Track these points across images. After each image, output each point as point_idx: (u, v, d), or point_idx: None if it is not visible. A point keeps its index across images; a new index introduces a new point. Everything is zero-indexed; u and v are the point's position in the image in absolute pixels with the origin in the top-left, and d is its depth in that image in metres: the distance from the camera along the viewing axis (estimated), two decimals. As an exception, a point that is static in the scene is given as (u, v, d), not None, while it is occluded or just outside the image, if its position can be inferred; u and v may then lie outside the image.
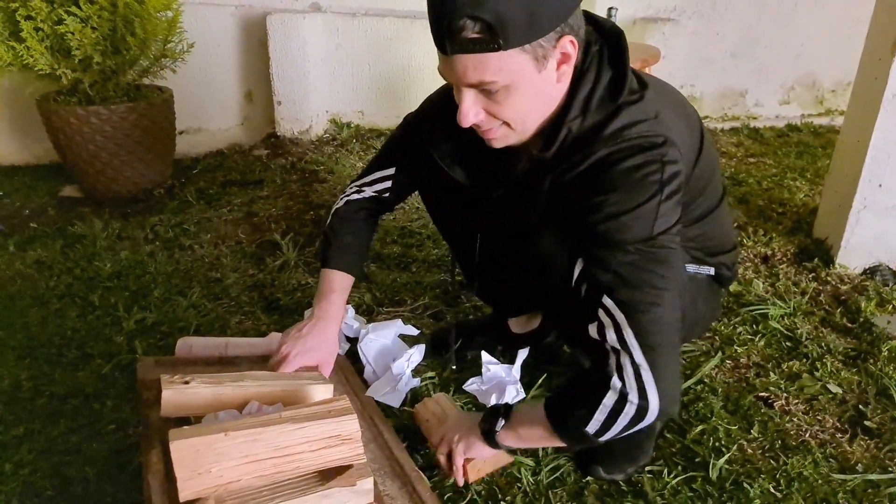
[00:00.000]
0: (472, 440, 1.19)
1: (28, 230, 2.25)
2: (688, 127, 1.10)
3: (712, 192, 1.19)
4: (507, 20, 0.87)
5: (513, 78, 0.93)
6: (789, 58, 3.52)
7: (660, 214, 0.96)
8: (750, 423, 1.38)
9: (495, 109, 0.99)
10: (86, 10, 2.13)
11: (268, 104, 3.00)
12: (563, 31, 0.93)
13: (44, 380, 1.51)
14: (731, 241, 1.29)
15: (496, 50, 0.90)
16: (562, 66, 0.96)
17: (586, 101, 0.99)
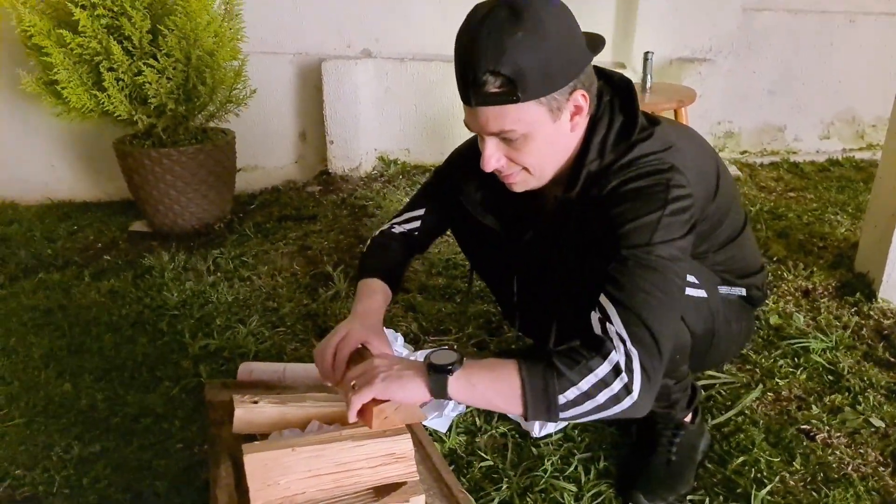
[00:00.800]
0: (405, 379, 1.02)
1: (101, 262, 2.42)
2: (702, 156, 1.18)
3: (734, 218, 1.26)
4: (524, 75, 0.98)
5: (530, 127, 1.04)
6: (828, 93, 3.52)
7: (660, 227, 1.02)
8: (792, 456, 1.39)
9: (515, 156, 1.09)
10: (163, 62, 2.32)
11: (321, 143, 3.16)
12: (575, 85, 1.04)
13: (118, 401, 1.63)
14: (758, 263, 1.35)
15: (515, 102, 1.00)
16: (575, 118, 1.07)
17: (602, 144, 1.10)
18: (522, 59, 0.97)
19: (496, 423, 1.50)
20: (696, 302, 1.22)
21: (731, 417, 1.50)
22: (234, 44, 2.54)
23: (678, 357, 1.23)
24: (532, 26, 0.97)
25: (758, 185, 3.09)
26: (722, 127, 3.51)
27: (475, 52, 0.99)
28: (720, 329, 1.28)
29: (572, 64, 1.03)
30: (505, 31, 0.97)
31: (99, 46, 2.29)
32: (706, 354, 1.30)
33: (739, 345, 1.44)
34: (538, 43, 0.97)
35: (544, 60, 0.98)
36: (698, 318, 1.22)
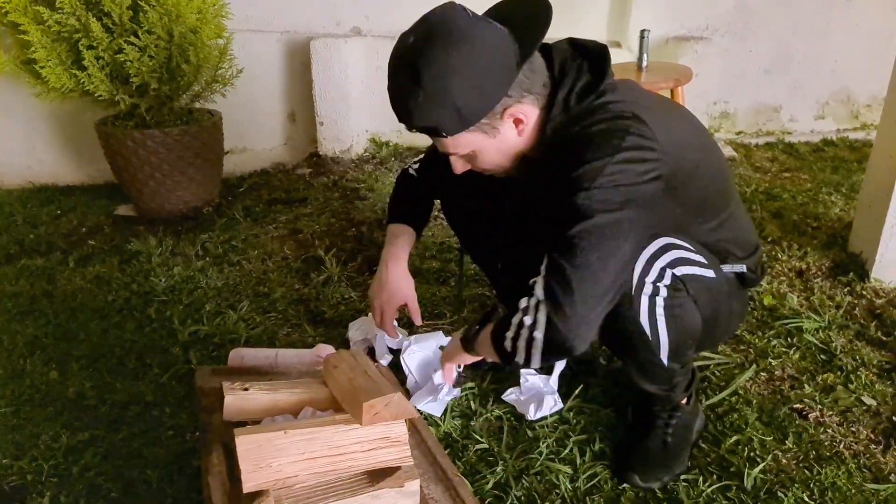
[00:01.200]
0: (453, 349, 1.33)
1: (86, 247, 2.38)
2: (679, 121, 1.19)
3: (726, 190, 1.26)
4: (439, 123, 1.06)
5: (471, 148, 1.13)
6: (824, 73, 3.50)
7: (605, 173, 1.02)
8: (784, 435, 1.40)
9: (474, 164, 1.19)
10: (144, 39, 2.26)
11: (310, 125, 3.11)
12: (504, 105, 1.07)
13: (106, 388, 1.61)
14: (755, 242, 1.35)
15: (444, 137, 1.10)
16: (519, 126, 1.12)
17: (565, 101, 1.11)
18: (429, 116, 1.05)
19: (491, 407, 1.49)
20: (707, 283, 1.21)
21: (725, 397, 1.51)
22: (218, 21, 2.48)
23: (690, 341, 1.23)
24: (431, 85, 1.02)
25: (753, 165, 3.08)
26: (718, 107, 3.48)
27: (393, 106, 1.09)
28: (723, 309, 1.28)
29: (488, 95, 1.06)
30: (407, 95, 1.04)
31: (77, 23, 2.23)
32: (709, 335, 1.30)
33: (734, 327, 1.45)
34: (441, 98, 1.03)
35: (453, 108, 1.04)
36: (708, 300, 1.22)
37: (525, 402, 1.48)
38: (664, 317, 1.17)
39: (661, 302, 1.16)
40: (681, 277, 1.16)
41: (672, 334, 1.18)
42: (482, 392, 1.55)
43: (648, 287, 1.14)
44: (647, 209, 1.07)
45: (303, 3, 2.98)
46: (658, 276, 1.14)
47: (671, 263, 1.15)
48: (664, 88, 2.43)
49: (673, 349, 1.20)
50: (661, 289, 1.15)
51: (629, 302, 1.14)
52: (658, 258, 1.14)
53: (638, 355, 1.23)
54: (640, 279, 1.14)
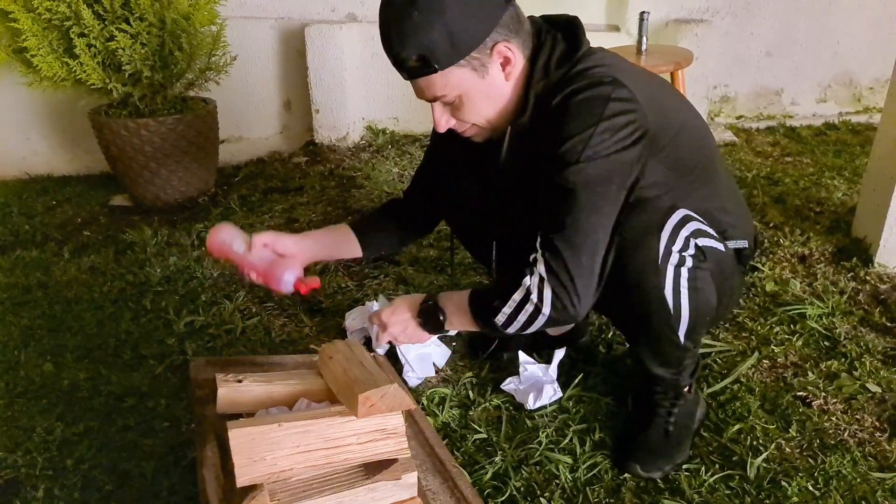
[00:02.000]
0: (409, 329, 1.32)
1: (81, 238, 2.37)
2: (656, 86, 1.21)
3: (713, 157, 1.27)
4: (430, 49, 1.05)
5: (460, 89, 1.11)
6: (826, 56, 3.46)
7: (591, 143, 1.05)
8: (788, 423, 1.38)
9: (459, 115, 1.17)
10: (136, 26, 2.23)
11: (306, 113, 3.08)
12: (494, 39, 1.08)
13: (101, 380, 1.59)
14: (746, 213, 1.35)
15: (434, 72, 1.08)
16: (506, 68, 1.12)
17: (545, 66, 1.13)
18: (423, 38, 1.04)
19: (490, 396, 1.48)
20: (719, 256, 1.20)
21: (727, 385, 1.49)
22: (211, 7, 2.45)
23: (707, 318, 1.22)
24: (426, 4, 1.02)
25: (754, 150, 3.04)
26: (718, 91, 3.44)
27: (387, 36, 1.08)
28: (727, 286, 1.26)
29: (481, 23, 1.07)
30: (402, 16, 1.04)
31: (68, 10, 2.20)
32: (715, 313, 1.26)
33: (735, 303, 1.44)
34: (435, 18, 1.03)
35: (446, 31, 1.04)
36: (719, 275, 1.20)
37: (524, 392, 1.46)
38: (687, 289, 1.15)
39: (685, 273, 1.14)
40: (702, 248, 1.16)
41: (693, 309, 1.17)
42: (480, 381, 1.53)
43: (675, 257, 1.13)
44: (634, 170, 1.10)
45: (297, -12, 2.94)
46: (684, 245, 1.14)
47: (694, 234, 1.15)
48: (664, 72, 2.40)
49: (691, 326, 1.18)
50: (687, 258, 1.14)
51: (654, 272, 1.12)
52: (682, 227, 1.14)
53: (655, 332, 1.20)
54: (667, 248, 1.12)
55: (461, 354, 1.64)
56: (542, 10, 1.22)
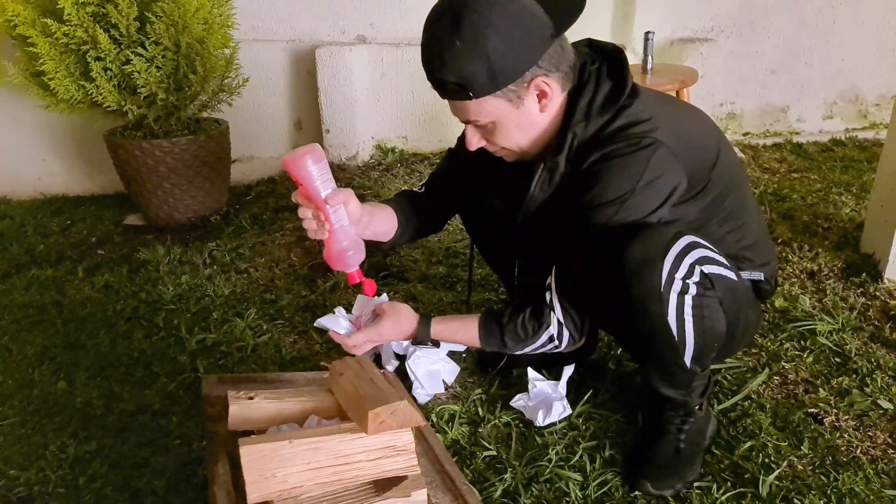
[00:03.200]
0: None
1: (96, 257, 2.40)
2: (696, 124, 1.23)
3: (742, 194, 1.27)
4: (468, 79, 1.07)
5: (493, 117, 1.13)
6: (831, 72, 3.47)
7: (624, 208, 1.10)
8: (800, 440, 1.37)
9: (490, 138, 1.19)
10: (151, 50, 2.28)
11: (316, 132, 3.12)
12: (533, 74, 1.09)
13: (114, 398, 1.61)
14: (770, 251, 1.35)
15: (469, 99, 1.10)
16: (542, 101, 1.13)
17: (588, 107, 1.14)
18: (463, 67, 1.06)
19: (499, 413, 1.48)
20: (731, 285, 1.21)
21: (738, 402, 1.48)
22: (224, 31, 2.50)
23: (716, 344, 1.22)
24: (470, 34, 1.03)
25: (761, 166, 3.05)
26: (724, 108, 3.46)
27: (428, 58, 1.10)
28: (741, 316, 1.27)
29: (523, 57, 1.08)
30: (445, 42, 1.05)
31: (85, 35, 2.25)
32: (729, 343, 1.28)
33: (751, 336, 1.43)
34: (477, 49, 1.04)
35: (487, 63, 1.05)
36: (731, 303, 1.21)
37: (533, 409, 1.46)
38: (692, 317, 1.15)
39: (689, 301, 1.14)
40: (709, 275, 1.16)
41: (698, 336, 1.17)
42: (490, 398, 1.54)
43: (678, 284, 1.13)
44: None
45: (308, 12, 3.00)
46: (688, 273, 1.13)
47: (699, 261, 1.15)
48: (670, 90, 2.42)
49: (698, 352, 1.19)
50: (691, 286, 1.14)
51: (658, 300, 1.12)
52: (686, 254, 1.14)
53: (661, 357, 1.21)
54: (670, 275, 1.12)
55: (470, 371, 1.64)
56: None
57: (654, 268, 1.11)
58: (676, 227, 1.16)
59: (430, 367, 1.57)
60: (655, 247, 1.12)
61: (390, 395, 1.08)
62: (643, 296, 1.12)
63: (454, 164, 1.44)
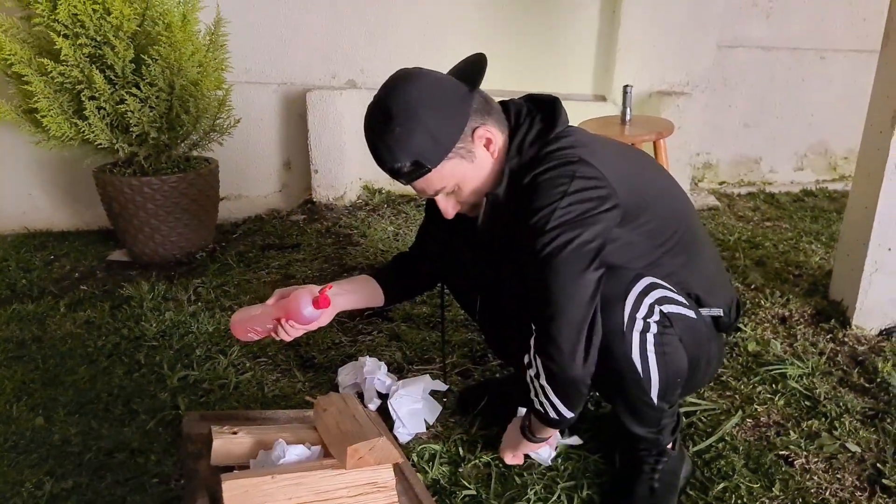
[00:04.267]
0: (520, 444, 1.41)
1: (78, 292, 2.39)
2: (631, 161, 1.29)
3: (692, 229, 1.33)
4: (420, 153, 1.14)
5: (455, 178, 1.20)
6: (801, 127, 3.63)
7: (555, 216, 1.12)
8: (771, 482, 1.40)
9: (461, 198, 1.26)
10: (146, 91, 2.33)
11: (305, 172, 3.18)
12: (472, 127, 1.18)
13: (92, 435, 1.59)
14: (726, 284, 1.41)
15: (430, 171, 1.17)
16: (490, 146, 1.21)
17: (520, 144, 1.22)
18: (410, 146, 1.13)
19: (480, 453, 1.49)
20: (690, 323, 1.26)
21: (712, 444, 1.51)
22: (218, 73, 2.57)
23: (679, 380, 1.26)
24: (403, 117, 1.12)
25: (736, 214, 3.15)
26: (700, 158, 3.59)
27: (377, 155, 1.17)
28: (703, 352, 1.31)
29: (454, 117, 1.16)
30: (385, 133, 1.14)
31: (81, 75, 2.30)
32: (691, 378, 1.33)
33: (713, 371, 1.48)
34: (415, 126, 1.12)
35: (428, 134, 1.13)
36: (691, 340, 1.26)
37: None
38: (654, 353, 1.21)
39: (651, 339, 1.20)
40: (668, 315, 1.22)
41: (662, 372, 1.22)
42: (471, 438, 1.55)
43: (639, 323, 1.19)
44: (602, 237, 1.15)
45: (300, 56, 3.09)
46: (648, 312, 1.20)
47: (658, 301, 1.21)
48: (647, 141, 2.52)
49: (663, 388, 1.23)
50: (652, 325, 1.20)
51: (621, 339, 1.19)
52: (646, 295, 1.20)
53: (629, 395, 1.25)
54: (631, 315, 1.19)
55: (452, 411, 1.66)
56: (533, 83, 1.31)
57: (615, 308, 1.18)
58: (634, 269, 1.22)
59: (412, 406, 1.59)
60: (616, 288, 1.19)
61: (370, 432, 1.10)
62: (608, 335, 1.18)
63: (429, 221, 1.52)
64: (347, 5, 3.05)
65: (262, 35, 3.02)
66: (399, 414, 1.57)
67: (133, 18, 2.29)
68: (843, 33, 3.48)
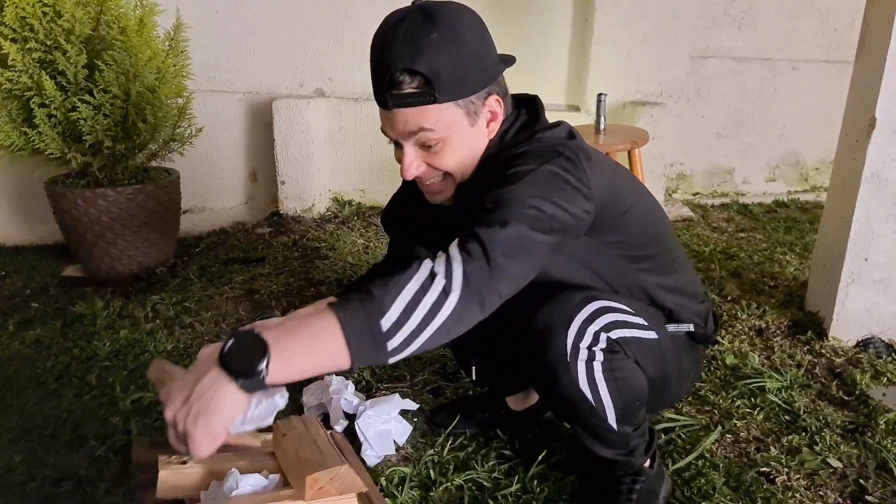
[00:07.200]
0: (215, 403, 0.84)
1: (29, 310, 2.27)
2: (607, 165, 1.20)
3: (666, 238, 1.27)
4: (440, 75, 1.01)
5: (448, 130, 1.06)
6: (773, 137, 3.66)
7: (529, 178, 1.00)
8: (753, 500, 1.35)
9: (434, 161, 1.09)
10: (99, 98, 2.23)
11: (272, 184, 3.09)
12: (491, 90, 1.08)
13: (37, 463, 1.49)
14: (698, 295, 1.35)
15: (432, 102, 1.02)
16: (491, 124, 1.11)
17: (503, 135, 1.13)
18: (437, 60, 1.00)
19: (452, 476, 1.42)
20: (649, 344, 1.20)
21: (692, 462, 1.46)
22: (178, 80, 2.47)
23: (637, 403, 1.21)
24: (446, 30, 1.01)
25: (710, 225, 3.15)
26: (674, 169, 3.59)
27: (391, 52, 1.01)
28: (672, 369, 1.27)
29: (486, 70, 1.07)
30: (420, 32, 1.00)
31: (30, 81, 2.20)
32: (661, 395, 1.30)
33: (690, 383, 1.43)
34: (452, 45, 1.01)
35: (459, 63, 1.02)
36: (651, 362, 1.21)
37: None
38: (604, 381, 1.15)
39: (598, 367, 1.14)
40: (617, 340, 1.15)
41: (616, 397, 1.16)
42: (442, 460, 1.48)
43: (583, 353, 1.13)
44: (565, 226, 1.02)
45: (266, 64, 3.01)
46: (592, 341, 1.13)
47: (605, 327, 1.14)
48: (622, 150, 2.49)
49: (620, 412, 1.18)
50: (597, 353, 1.14)
51: (565, 369, 1.13)
52: (591, 323, 1.13)
53: (586, 422, 1.20)
54: (574, 345, 1.12)
55: (422, 431, 1.58)
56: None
57: (557, 337, 1.11)
58: (584, 292, 1.15)
59: (380, 427, 1.51)
60: (559, 315, 1.12)
61: (330, 460, 1.02)
62: (551, 365, 1.13)
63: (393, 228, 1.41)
64: (315, 12, 2.99)
65: (226, 42, 2.94)
66: (367, 435, 1.49)
67: (86, 22, 2.20)
68: (815, 44, 3.52)
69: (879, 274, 1.91)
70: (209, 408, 0.84)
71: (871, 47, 1.82)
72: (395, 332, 0.88)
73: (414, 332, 0.89)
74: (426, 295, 0.89)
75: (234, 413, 0.86)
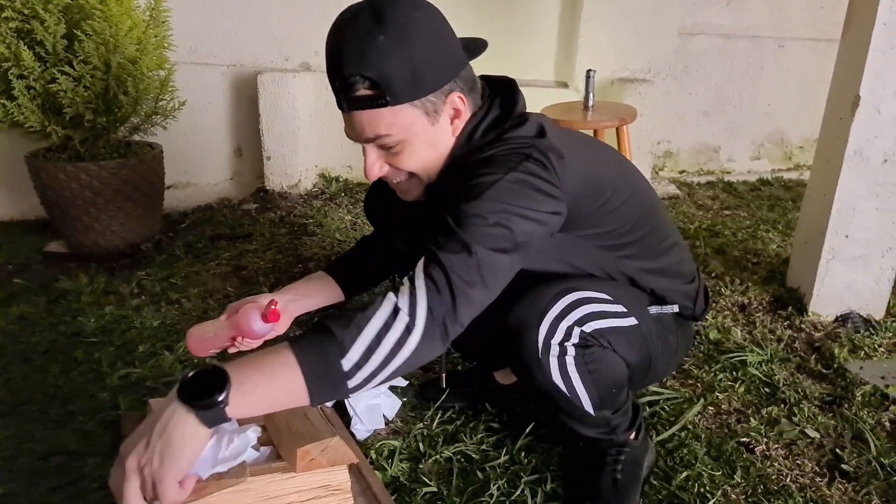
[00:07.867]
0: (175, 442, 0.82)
1: (12, 286, 2.24)
2: (592, 150, 1.20)
3: (655, 221, 1.27)
4: (390, 78, 0.97)
5: (407, 132, 1.03)
6: (758, 116, 3.68)
7: (494, 189, 0.98)
8: (733, 469, 1.39)
9: (396, 162, 1.07)
10: (79, 69, 2.18)
11: (257, 159, 3.06)
12: (451, 87, 1.03)
13: (25, 438, 1.49)
14: (686, 275, 1.36)
15: (385, 105, 0.99)
16: (455, 122, 1.07)
17: (471, 133, 1.08)
18: (387, 62, 0.96)
19: (441, 448, 1.44)
20: (628, 332, 1.21)
21: (675, 433, 1.50)
22: (159, 52, 2.42)
23: (614, 391, 1.23)
24: (395, 30, 0.96)
25: (696, 203, 3.18)
26: (661, 146, 3.61)
27: (340, 56, 0.98)
28: (656, 350, 1.28)
29: (444, 67, 1.02)
30: (367, 35, 0.96)
31: (7, 52, 2.14)
32: (647, 374, 1.32)
33: (679, 359, 1.45)
34: (402, 47, 0.96)
35: (411, 64, 0.97)
36: (631, 347, 1.22)
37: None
38: (578, 373, 1.16)
39: (571, 361, 1.15)
40: (591, 333, 1.15)
41: (591, 388, 1.18)
42: (431, 433, 1.50)
43: (555, 349, 1.14)
44: (531, 238, 1.01)
45: (250, 37, 2.96)
46: (565, 336, 1.14)
47: (579, 321, 1.14)
48: (610, 127, 2.49)
49: (597, 401, 1.20)
50: (569, 348, 1.15)
51: (538, 365, 1.14)
52: (564, 318, 1.13)
53: (565, 411, 1.23)
54: (546, 341, 1.13)
55: (412, 405, 1.60)
56: (495, 69, 1.19)
57: (528, 335, 1.13)
58: (558, 286, 1.14)
59: (369, 401, 1.52)
60: (531, 312, 1.13)
61: (322, 432, 1.03)
62: (525, 361, 1.15)
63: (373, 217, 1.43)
64: (301, -16, 2.93)
65: (208, 12, 2.87)
66: (356, 410, 1.50)
67: (65, -9, 2.14)
68: (802, 21, 3.53)
69: (859, 251, 1.95)
70: (171, 444, 0.82)
71: (856, 26, 1.83)
72: (356, 371, 0.90)
73: (375, 371, 0.91)
74: (388, 333, 0.90)
75: (198, 448, 0.84)
